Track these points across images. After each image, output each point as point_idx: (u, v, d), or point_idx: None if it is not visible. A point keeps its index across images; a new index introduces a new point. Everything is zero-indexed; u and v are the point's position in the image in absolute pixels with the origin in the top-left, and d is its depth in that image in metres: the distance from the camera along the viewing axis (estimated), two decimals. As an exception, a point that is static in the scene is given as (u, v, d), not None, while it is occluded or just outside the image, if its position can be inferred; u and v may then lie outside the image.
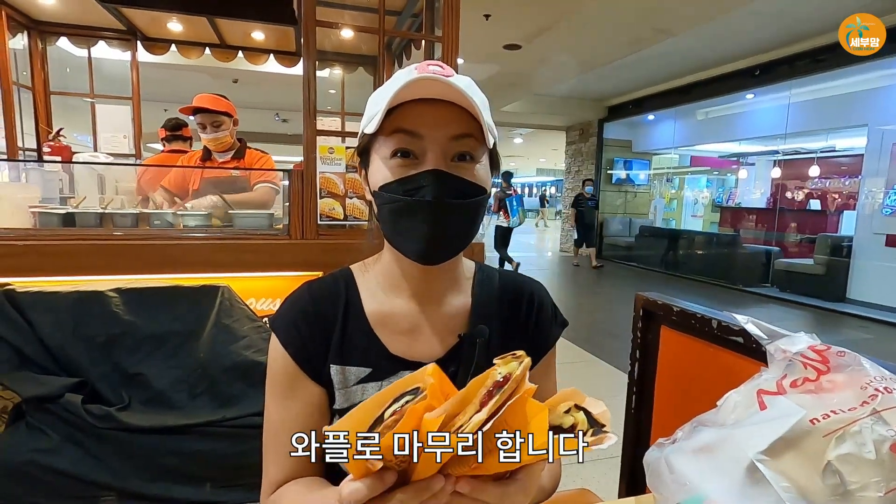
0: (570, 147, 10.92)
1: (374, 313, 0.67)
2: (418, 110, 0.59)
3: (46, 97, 3.21)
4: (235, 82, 7.45)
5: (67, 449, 1.26)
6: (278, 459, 0.63)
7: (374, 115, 0.60)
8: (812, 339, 0.50)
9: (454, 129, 0.59)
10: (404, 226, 0.60)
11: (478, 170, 0.61)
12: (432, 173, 0.58)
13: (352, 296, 0.68)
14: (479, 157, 0.62)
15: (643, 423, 0.94)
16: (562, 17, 5.15)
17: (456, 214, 0.60)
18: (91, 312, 1.35)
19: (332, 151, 1.81)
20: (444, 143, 0.59)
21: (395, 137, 0.59)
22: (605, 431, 0.40)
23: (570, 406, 0.42)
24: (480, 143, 0.61)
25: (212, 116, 2.26)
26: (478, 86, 0.63)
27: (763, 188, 9.74)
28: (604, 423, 0.41)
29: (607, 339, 4.34)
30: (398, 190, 0.59)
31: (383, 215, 0.62)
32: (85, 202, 1.99)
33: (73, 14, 2.96)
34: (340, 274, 0.71)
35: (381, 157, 0.61)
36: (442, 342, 0.67)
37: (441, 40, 1.89)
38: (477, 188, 0.61)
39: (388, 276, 0.68)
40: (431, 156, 0.58)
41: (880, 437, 0.39)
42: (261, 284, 1.73)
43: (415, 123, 0.58)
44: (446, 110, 0.59)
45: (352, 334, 0.66)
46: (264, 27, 3.01)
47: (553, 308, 0.76)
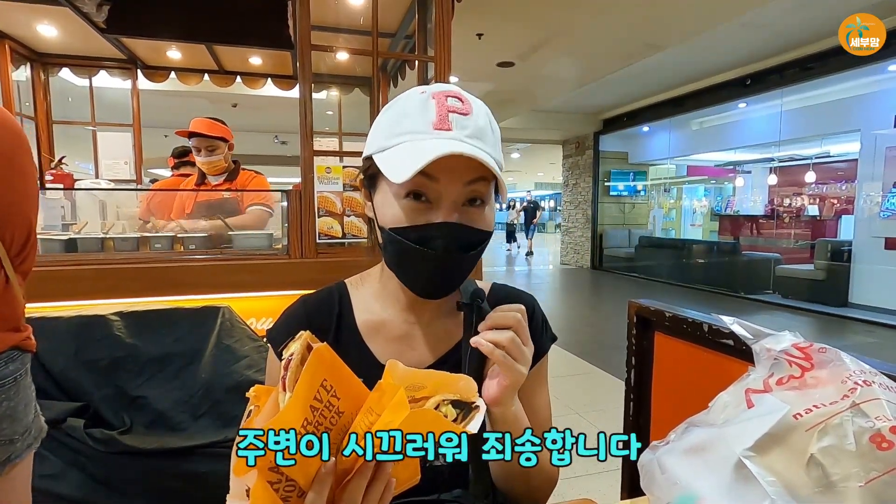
0: (567, 160, 11.00)
1: (365, 324, 0.69)
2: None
3: (49, 127, 3.27)
4: (235, 106, 7.56)
5: (71, 474, 1.26)
6: None
7: (387, 148, 0.60)
8: (796, 337, 0.52)
9: (469, 174, 0.59)
10: (409, 267, 0.62)
11: (486, 213, 0.62)
12: (446, 227, 0.58)
13: (345, 308, 0.70)
14: (488, 199, 0.63)
15: (642, 429, 0.95)
16: (554, 34, 5.24)
17: (461, 263, 0.62)
18: (93, 336, 1.36)
19: (329, 171, 1.84)
20: (458, 189, 0.59)
21: (412, 178, 0.57)
22: (475, 406, 0.44)
23: (439, 402, 0.44)
24: (490, 187, 0.62)
25: (207, 141, 2.30)
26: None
27: (760, 195, 9.78)
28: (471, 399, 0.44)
29: (608, 350, 4.32)
30: (410, 236, 0.59)
31: (389, 252, 0.63)
32: (87, 228, 2.01)
33: (74, 45, 3.03)
34: (335, 287, 0.73)
35: (393, 192, 0.60)
36: (433, 350, 0.69)
37: (434, 60, 1.93)
38: (484, 234, 0.62)
39: (386, 287, 0.70)
40: (446, 203, 0.59)
41: (860, 428, 0.40)
42: (261, 304, 1.75)
43: (433, 167, 0.56)
44: (463, 158, 0.57)
45: (344, 346, 0.67)
46: (261, 52, 3.08)
47: (543, 321, 0.76)
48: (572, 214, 10.92)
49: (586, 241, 10.42)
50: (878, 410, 0.41)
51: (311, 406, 0.39)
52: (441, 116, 0.58)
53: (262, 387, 0.44)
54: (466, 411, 0.44)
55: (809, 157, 8.50)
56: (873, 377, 0.44)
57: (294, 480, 0.39)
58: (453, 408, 0.44)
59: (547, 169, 18.78)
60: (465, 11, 3.63)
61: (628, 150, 10.23)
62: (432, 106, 0.59)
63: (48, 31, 2.82)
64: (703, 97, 7.49)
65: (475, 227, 0.61)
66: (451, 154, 0.55)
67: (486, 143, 0.60)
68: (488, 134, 0.61)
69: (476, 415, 0.44)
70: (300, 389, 0.38)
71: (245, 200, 2.34)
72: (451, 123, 0.58)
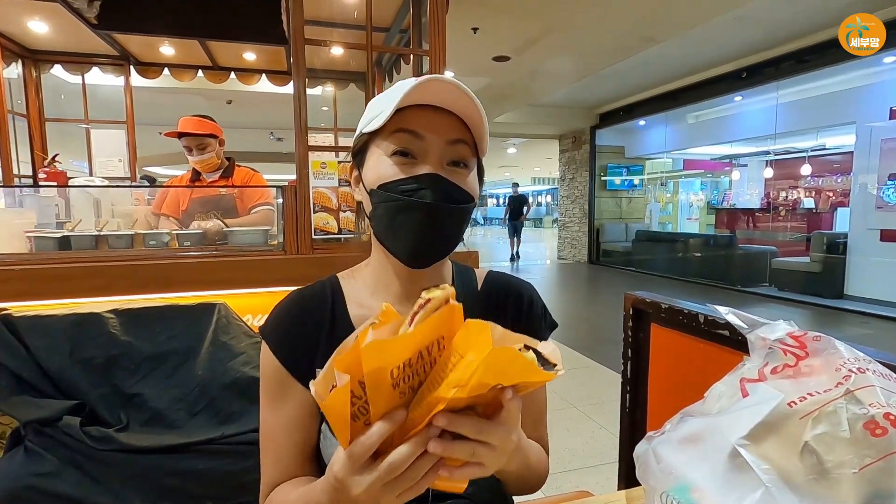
0: (564, 155, 10.99)
1: (359, 317, 0.69)
2: (420, 113, 0.62)
3: (41, 124, 3.24)
4: (229, 103, 7.52)
5: (67, 472, 1.25)
6: (273, 462, 0.65)
7: (376, 115, 0.63)
8: (790, 326, 0.52)
9: (452, 133, 0.62)
10: (399, 224, 0.62)
11: (469, 178, 0.65)
12: (432, 176, 0.61)
13: (337, 302, 0.70)
14: (471, 165, 0.65)
15: (638, 421, 0.95)
16: (549, 28, 5.22)
17: (448, 218, 0.62)
18: (88, 334, 1.36)
19: (324, 167, 1.83)
20: (442, 147, 0.62)
21: (397, 136, 0.62)
22: (557, 370, 0.42)
23: (521, 346, 0.43)
24: (473, 153, 0.65)
25: (197, 139, 2.29)
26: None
27: (757, 189, 9.81)
28: (555, 363, 0.43)
29: (606, 344, 4.34)
30: (396, 189, 0.61)
31: (378, 213, 0.64)
32: (80, 225, 2.00)
33: (66, 42, 3.00)
34: (327, 281, 0.73)
35: (381, 153, 0.63)
36: None
37: (429, 54, 1.92)
38: (468, 195, 0.64)
39: (376, 279, 0.70)
40: (431, 158, 0.61)
41: (854, 415, 0.40)
42: (257, 301, 1.74)
43: (417, 125, 0.61)
44: (446, 117, 0.62)
45: (338, 339, 0.66)
46: (255, 48, 3.06)
47: (543, 309, 0.76)
48: (569, 209, 10.92)
49: (583, 236, 10.43)
50: (872, 397, 0.41)
51: (419, 352, 0.39)
52: (425, 76, 0.62)
53: (392, 311, 0.44)
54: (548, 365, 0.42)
55: (805, 149, 8.52)
56: (867, 364, 0.44)
57: (368, 407, 0.40)
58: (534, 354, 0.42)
59: (544, 164, 18.78)
60: (459, 5, 3.62)
61: (625, 144, 10.22)
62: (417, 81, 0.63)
63: (39, 28, 2.79)
64: (698, 91, 7.49)
65: (459, 185, 0.63)
66: (435, 79, 0.58)
67: (473, 98, 0.62)
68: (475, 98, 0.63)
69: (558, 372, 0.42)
70: (419, 332, 0.38)
71: (247, 200, 2.33)
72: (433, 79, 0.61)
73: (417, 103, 0.62)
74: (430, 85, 0.59)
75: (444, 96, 0.61)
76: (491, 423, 0.43)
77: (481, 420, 0.42)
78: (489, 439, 0.43)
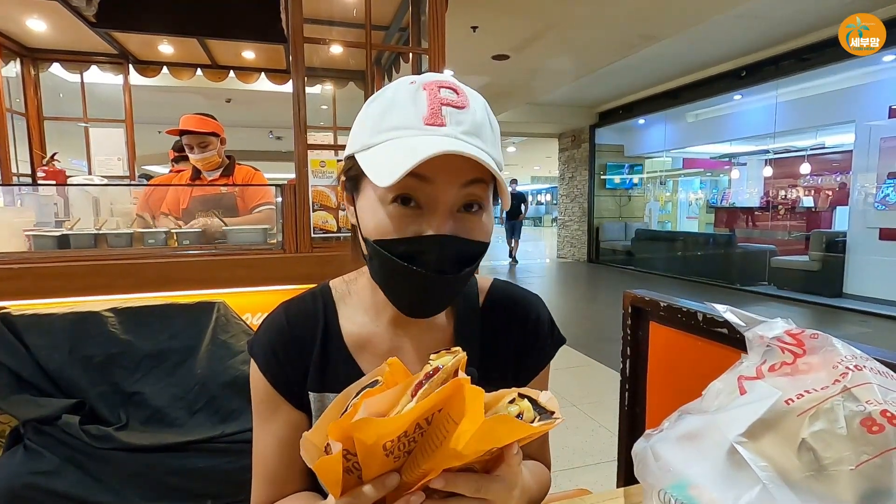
0: (563, 154, 11.00)
1: (352, 336, 0.64)
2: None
3: (40, 123, 3.24)
4: (228, 102, 7.51)
5: (67, 471, 1.25)
6: (262, 481, 0.63)
7: (372, 146, 0.53)
8: (788, 323, 0.52)
9: (466, 175, 0.51)
10: (396, 284, 0.55)
11: (484, 221, 0.55)
12: (438, 240, 0.51)
13: (330, 318, 0.64)
14: (486, 204, 0.55)
15: (637, 419, 0.95)
16: (549, 26, 5.22)
17: (452, 284, 0.55)
18: (88, 333, 1.36)
19: (323, 165, 1.83)
20: (453, 193, 0.51)
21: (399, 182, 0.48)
22: (555, 417, 0.41)
23: (514, 396, 0.42)
24: (489, 186, 0.54)
25: (198, 138, 2.29)
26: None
27: (756, 187, 9.81)
28: (552, 410, 0.41)
29: (605, 342, 4.34)
30: (396, 250, 0.52)
31: (374, 266, 0.56)
32: (79, 224, 2.00)
33: (65, 40, 3.00)
34: (319, 292, 0.67)
35: (378, 196, 0.53)
36: (423, 362, 0.67)
37: (428, 53, 1.92)
38: (481, 246, 0.55)
39: (371, 299, 0.64)
40: (439, 209, 0.51)
41: (851, 412, 0.40)
42: (256, 299, 1.74)
43: (424, 168, 0.47)
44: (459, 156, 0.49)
45: (330, 360, 0.63)
46: (254, 46, 3.06)
47: (550, 325, 0.69)
48: (569, 208, 10.93)
49: (583, 235, 10.44)
50: (870, 394, 0.41)
51: (417, 424, 0.38)
52: (434, 110, 0.51)
53: (399, 365, 0.42)
54: (545, 414, 0.41)
55: (804, 148, 8.52)
56: (864, 362, 0.44)
57: (360, 467, 0.39)
58: (529, 402, 0.41)
59: (543, 162, 18.78)
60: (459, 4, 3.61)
61: (624, 142, 10.22)
62: (423, 98, 0.52)
63: (38, 26, 2.78)
64: (698, 89, 7.49)
65: (471, 239, 0.53)
66: (445, 153, 0.47)
67: (485, 140, 0.52)
68: (487, 130, 0.53)
69: (556, 422, 0.40)
70: (420, 408, 0.36)
71: (249, 199, 2.33)
72: (444, 118, 0.51)
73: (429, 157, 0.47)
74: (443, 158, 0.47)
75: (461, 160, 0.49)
76: (489, 478, 0.41)
77: (479, 477, 0.41)
78: (488, 496, 0.41)
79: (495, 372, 0.64)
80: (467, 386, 0.36)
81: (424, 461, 0.39)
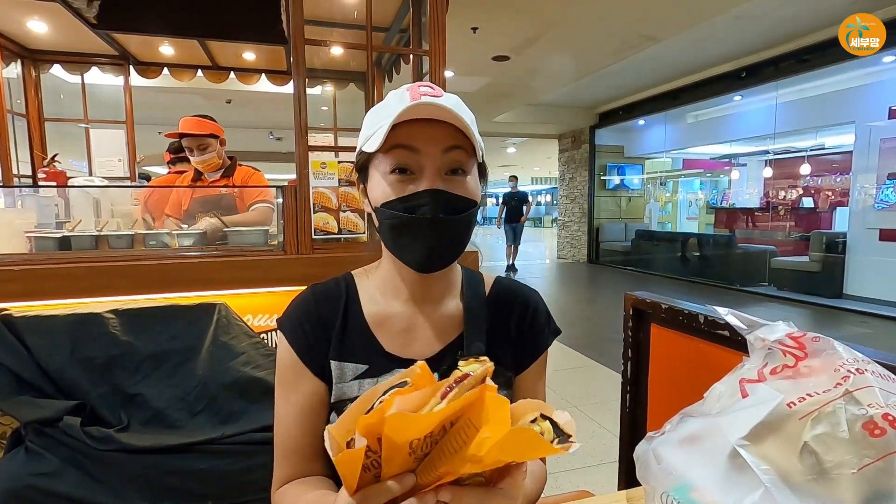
0: (563, 154, 10.99)
1: (372, 314, 0.72)
2: (413, 128, 0.64)
3: (41, 124, 3.24)
4: (229, 103, 7.51)
5: (68, 472, 1.25)
6: (286, 454, 0.68)
7: (372, 134, 0.66)
8: (789, 326, 0.52)
9: (446, 142, 0.64)
10: (405, 240, 0.66)
11: (469, 182, 0.66)
12: (430, 193, 0.63)
13: (352, 297, 0.73)
14: (469, 169, 0.67)
15: (638, 421, 0.95)
16: (549, 27, 5.23)
17: (451, 228, 0.65)
18: (89, 334, 1.36)
19: (324, 166, 1.83)
20: (438, 157, 0.64)
21: (394, 153, 0.64)
22: (571, 441, 0.42)
23: (536, 416, 0.43)
24: (470, 156, 0.66)
25: (198, 140, 2.29)
26: (466, 101, 0.68)
27: (756, 188, 9.80)
28: (570, 434, 0.43)
29: (607, 343, 4.34)
30: (398, 207, 0.64)
31: (384, 229, 0.67)
32: (80, 225, 2.00)
33: (65, 41, 3.00)
34: (342, 278, 0.76)
35: (381, 172, 0.66)
36: (437, 340, 0.72)
37: (428, 54, 1.92)
38: (469, 202, 0.66)
39: (387, 281, 0.73)
40: (428, 171, 0.64)
41: (853, 416, 0.41)
42: (258, 301, 1.74)
43: (411, 139, 0.63)
44: (438, 127, 0.64)
45: (351, 333, 0.71)
46: (255, 47, 3.06)
47: (547, 316, 0.79)
48: (569, 209, 10.92)
49: (583, 235, 10.43)
50: (871, 398, 0.41)
51: (443, 426, 0.39)
52: (414, 98, 0.64)
53: (427, 370, 0.44)
54: (563, 437, 0.43)
55: (804, 149, 8.52)
56: (866, 365, 0.44)
57: (381, 463, 0.40)
58: (550, 424, 0.43)
59: (543, 163, 18.77)
60: (459, 5, 3.61)
61: (624, 143, 10.22)
62: (406, 94, 0.65)
63: (39, 27, 2.79)
64: (698, 90, 7.49)
65: (458, 194, 0.65)
66: (418, 105, 0.60)
67: (459, 111, 0.63)
68: (460, 106, 0.66)
69: (572, 446, 0.42)
70: (448, 409, 0.38)
71: (247, 198, 2.33)
72: (421, 93, 0.64)
73: (409, 118, 0.63)
74: (414, 108, 0.61)
75: (432, 111, 0.63)
76: (494, 492, 0.44)
77: (484, 492, 0.44)
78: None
79: (499, 353, 0.72)
80: (493, 394, 0.38)
81: (442, 464, 0.40)
